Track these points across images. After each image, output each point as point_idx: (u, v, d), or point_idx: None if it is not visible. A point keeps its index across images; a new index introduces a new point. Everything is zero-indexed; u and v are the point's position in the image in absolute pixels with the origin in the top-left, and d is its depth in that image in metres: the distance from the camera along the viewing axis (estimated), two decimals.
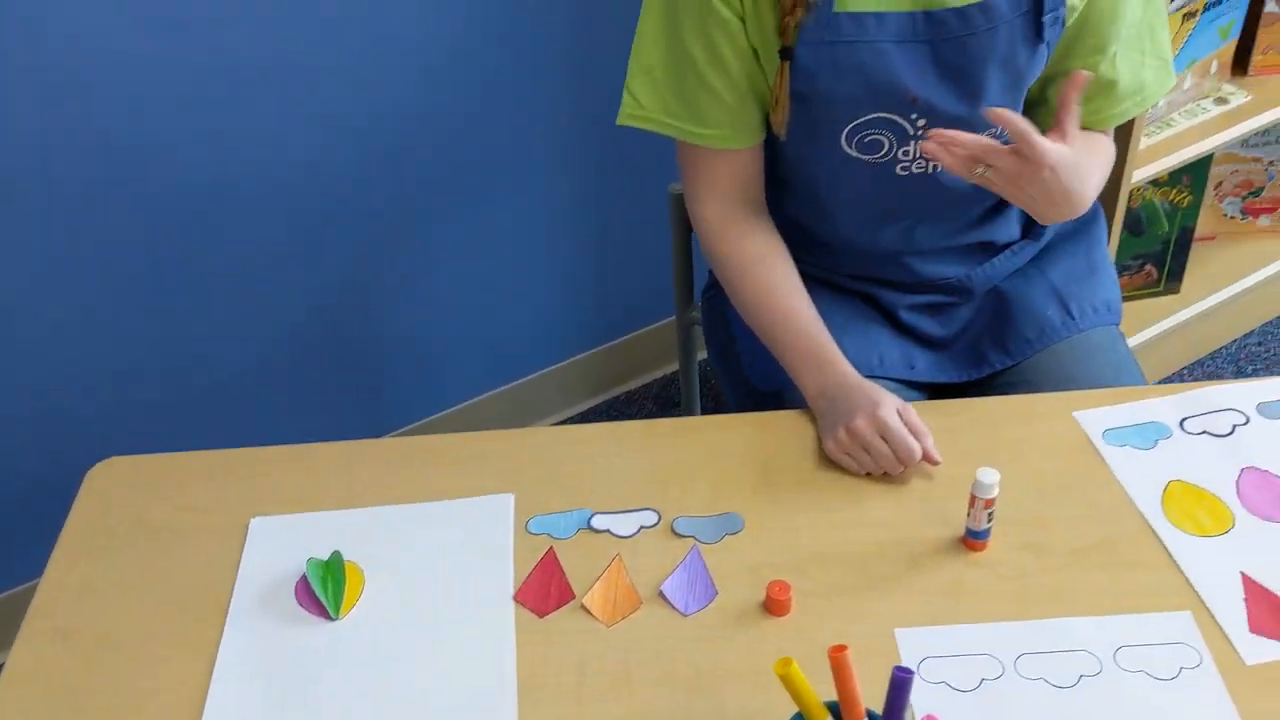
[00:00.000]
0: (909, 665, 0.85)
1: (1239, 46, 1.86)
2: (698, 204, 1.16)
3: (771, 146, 1.15)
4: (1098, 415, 1.06)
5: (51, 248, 1.49)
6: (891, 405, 1.01)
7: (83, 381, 1.59)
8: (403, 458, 1.07)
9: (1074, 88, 0.97)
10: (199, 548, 0.99)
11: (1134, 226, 1.91)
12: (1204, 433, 1.04)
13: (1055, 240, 1.26)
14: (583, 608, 0.92)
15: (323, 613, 0.92)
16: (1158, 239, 1.93)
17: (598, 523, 0.99)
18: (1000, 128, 0.97)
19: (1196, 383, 1.15)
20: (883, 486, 1.01)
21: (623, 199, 1.89)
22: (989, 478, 0.90)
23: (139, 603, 0.94)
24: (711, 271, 1.28)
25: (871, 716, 0.71)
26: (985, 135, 0.99)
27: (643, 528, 0.98)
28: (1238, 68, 1.89)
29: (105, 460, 1.08)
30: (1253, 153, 2.02)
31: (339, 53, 1.54)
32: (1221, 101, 1.83)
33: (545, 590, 0.93)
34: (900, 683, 0.69)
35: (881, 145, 1.09)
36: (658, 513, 0.99)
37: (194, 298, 1.61)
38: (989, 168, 0.97)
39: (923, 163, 1.10)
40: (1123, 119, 1.15)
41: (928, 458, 0.99)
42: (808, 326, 1.11)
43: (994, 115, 0.95)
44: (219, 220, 1.57)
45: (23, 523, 1.61)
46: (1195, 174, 1.87)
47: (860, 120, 1.07)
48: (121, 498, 1.04)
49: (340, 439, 1.10)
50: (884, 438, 0.99)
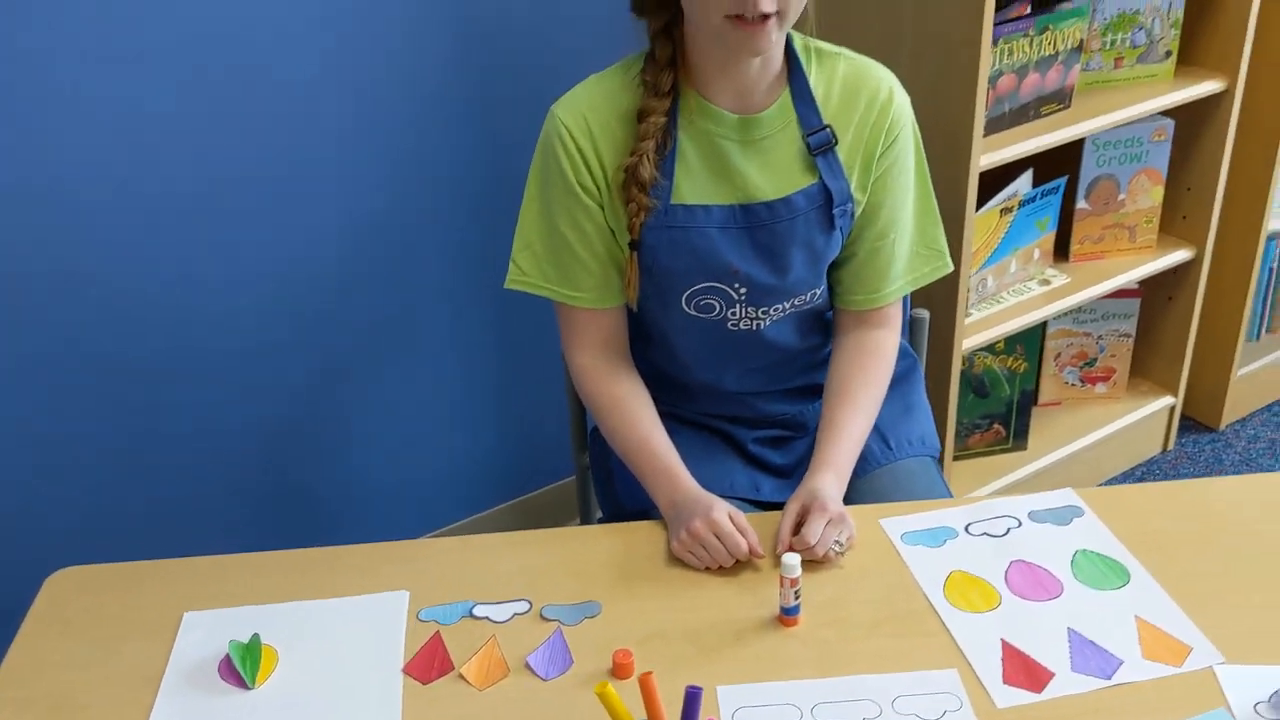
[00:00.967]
0: (726, 716, 1.02)
1: (1059, 236, 2.15)
2: (573, 353, 1.38)
3: (640, 308, 1.38)
4: (899, 521, 1.26)
5: None
6: (723, 509, 1.21)
7: (27, 496, 1.74)
8: (315, 564, 1.24)
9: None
10: (140, 637, 1.14)
11: (980, 390, 2.15)
12: (984, 534, 1.24)
13: None
14: (460, 676, 1.08)
15: (241, 683, 1.08)
16: (1001, 401, 2.18)
17: (478, 611, 1.16)
18: (806, 293, 1.23)
19: (984, 497, 1.36)
20: (719, 578, 1.19)
21: (523, 363, 2.11)
22: (792, 560, 1.10)
23: (87, 678, 1.09)
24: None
25: None
26: (793, 300, 1.25)
27: (516, 614, 1.15)
28: (1060, 254, 2.18)
29: (61, 570, 1.24)
30: (1084, 328, 2.30)
31: (279, 224, 1.77)
32: (1045, 282, 2.11)
33: (429, 663, 1.10)
34: (691, 697, 0.87)
35: (714, 307, 1.33)
36: (529, 602, 1.17)
37: (139, 422, 1.78)
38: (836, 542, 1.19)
39: (749, 321, 1.34)
40: (899, 295, 1.39)
41: (753, 552, 1.18)
42: (661, 451, 1.31)
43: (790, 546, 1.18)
44: (166, 353, 1.76)
45: None
46: (1027, 344, 2.13)
47: (695, 288, 1.31)
48: (75, 598, 1.20)
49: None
50: (717, 536, 1.18)
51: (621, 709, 0.87)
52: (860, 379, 1.36)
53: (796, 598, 1.11)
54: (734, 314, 1.33)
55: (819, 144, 1.29)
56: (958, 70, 1.75)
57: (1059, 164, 2.08)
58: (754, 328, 1.34)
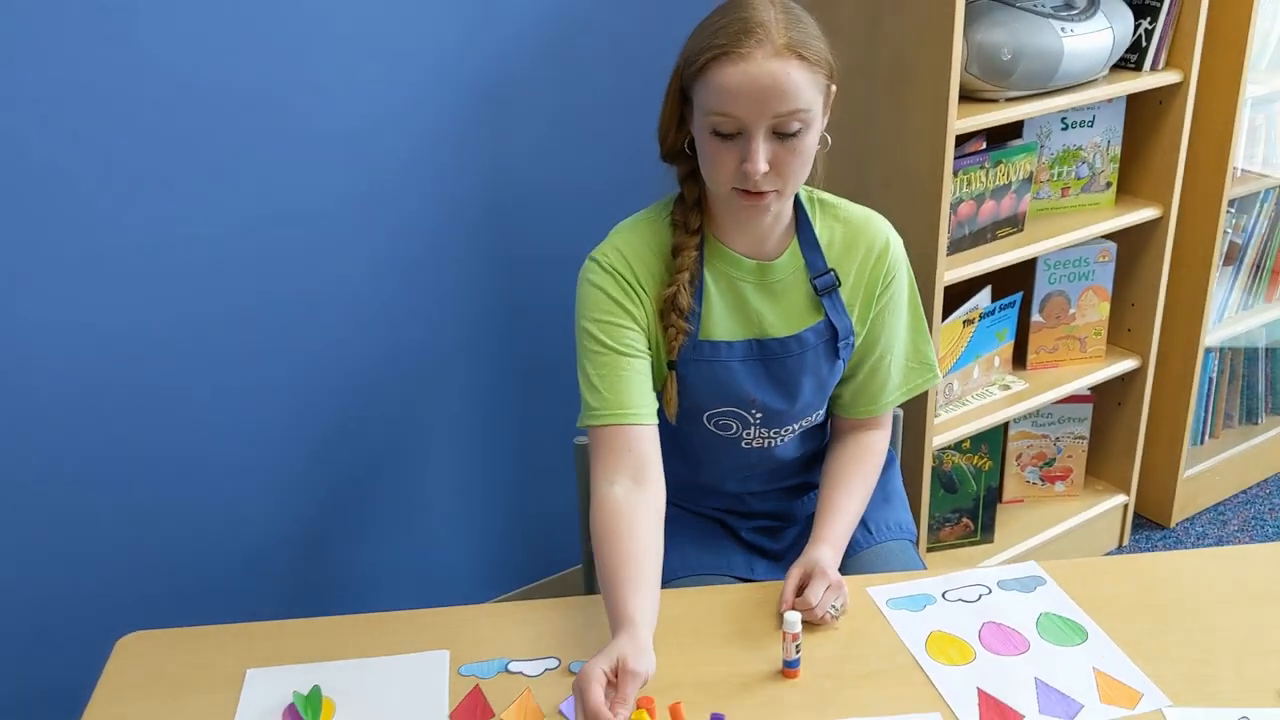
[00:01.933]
0: None
1: (1016, 346, 2.34)
2: (606, 481, 1.33)
3: (663, 423, 1.46)
4: (884, 590, 1.40)
5: (39, 453, 1.79)
6: (599, 667, 1.12)
7: (87, 574, 1.86)
8: (363, 628, 1.35)
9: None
10: (208, 691, 1.25)
11: (949, 486, 2.30)
12: (959, 599, 1.38)
13: None
14: None
15: None
16: (969, 497, 2.33)
17: (513, 667, 1.28)
18: (813, 414, 1.44)
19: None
20: (726, 637, 1.32)
21: (534, 457, 2.25)
22: (793, 617, 1.23)
23: None
24: None
25: None
26: (801, 422, 1.44)
27: (546, 669, 1.27)
28: (1018, 362, 2.36)
29: (131, 634, 1.35)
30: (1042, 430, 2.47)
31: (309, 336, 1.93)
32: (1005, 387, 2.29)
33: (472, 712, 1.21)
34: None
35: (731, 427, 1.47)
36: (558, 659, 1.29)
37: (188, 504, 1.92)
38: (834, 605, 1.31)
39: (760, 440, 1.48)
40: (894, 405, 1.54)
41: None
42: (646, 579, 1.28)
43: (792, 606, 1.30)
44: (207, 440, 1.90)
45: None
46: (991, 443, 2.29)
47: (716, 410, 1.46)
48: (144, 660, 1.31)
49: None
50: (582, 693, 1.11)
51: None
52: (855, 469, 1.50)
53: (797, 651, 1.24)
54: (749, 434, 1.48)
55: (824, 286, 1.43)
56: (924, 197, 1.95)
57: (1015, 281, 2.28)
58: (765, 446, 1.49)
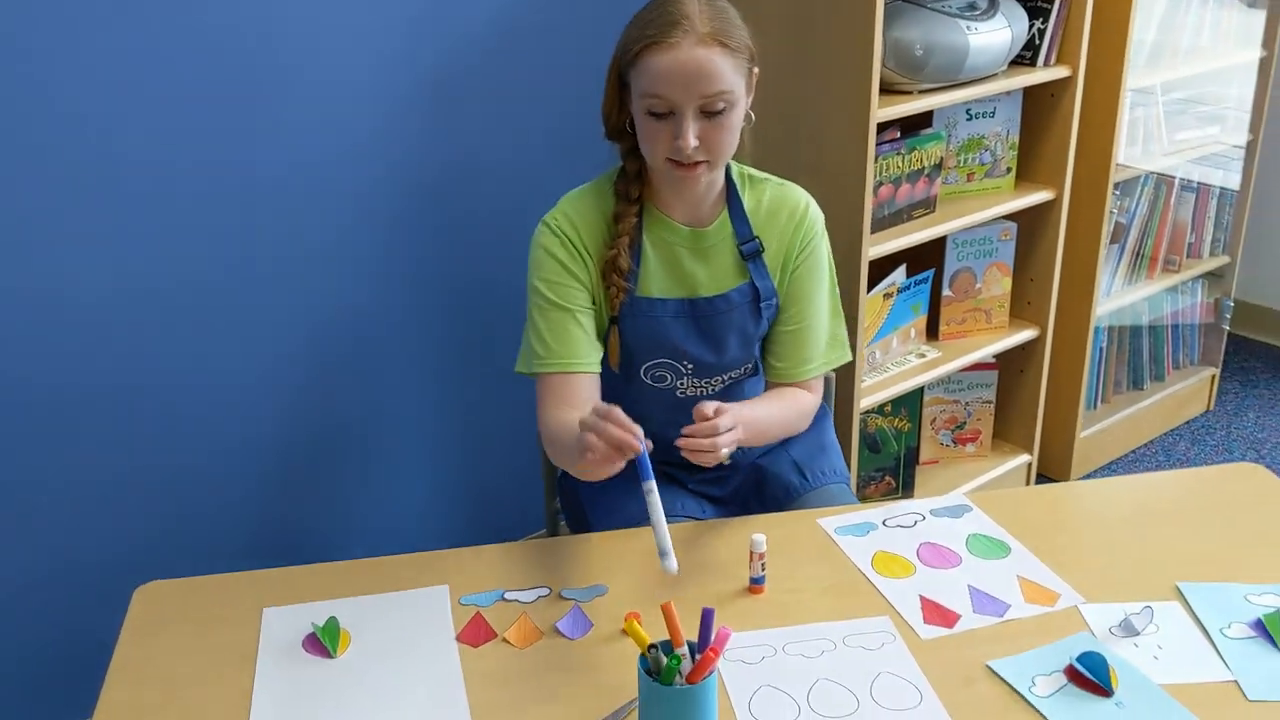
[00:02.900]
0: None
1: (930, 319, 2.53)
2: (552, 415, 1.52)
3: (604, 377, 1.60)
4: (832, 520, 1.55)
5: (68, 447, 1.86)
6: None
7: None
8: (365, 571, 1.46)
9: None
10: (229, 629, 1.35)
11: (873, 446, 2.49)
12: (898, 526, 1.54)
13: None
14: (504, 640, 1.32)
15: (325, 654, 1.30)
16: (891, 456, 2.51)
17: (509, 596, 1.40)
18: (740, 368, 1.57)
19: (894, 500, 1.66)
20: (696, 563, 1.46)
21: (499, 430, 2.37)
22: (759, 536, 1.38)
23: (190, 661, 1.30)
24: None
25: (690, 645, 1.15)
26: (729, 374, 1.58)
27: (539, 596, 1.40)
28: (932, 334, 2.55)
29: (150, 583, 1.44)
30: (953, 396, 2.66)
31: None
32: (920, 356, 2.47)
33: (477, 633, 1.34)
34: (706, 616, 1.14)
35: (666, 379, 1.61)
36: (549, 588, 1.42)
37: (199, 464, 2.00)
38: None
39: (694, 389, 1.62)
40: (815, 374, 1.65)
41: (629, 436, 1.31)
42: None
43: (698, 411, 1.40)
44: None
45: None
46: (910, 406, 2.48)
47: (651, 362, 1.60)
48: (164, 604, 1.40)
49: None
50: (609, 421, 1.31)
51: (643, 635, 1.13)
52: (776, 396, 1.64)
53: (763, 569, 1.39)
54: (682, 384, 1.62)
55: (749, 251, 1.59)
56: (849, 181, 2.13)
57: (927, 259, 2.47)
58: (699, 395, 1.63)
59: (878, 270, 2.29)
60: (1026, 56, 2.37)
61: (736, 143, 1.51)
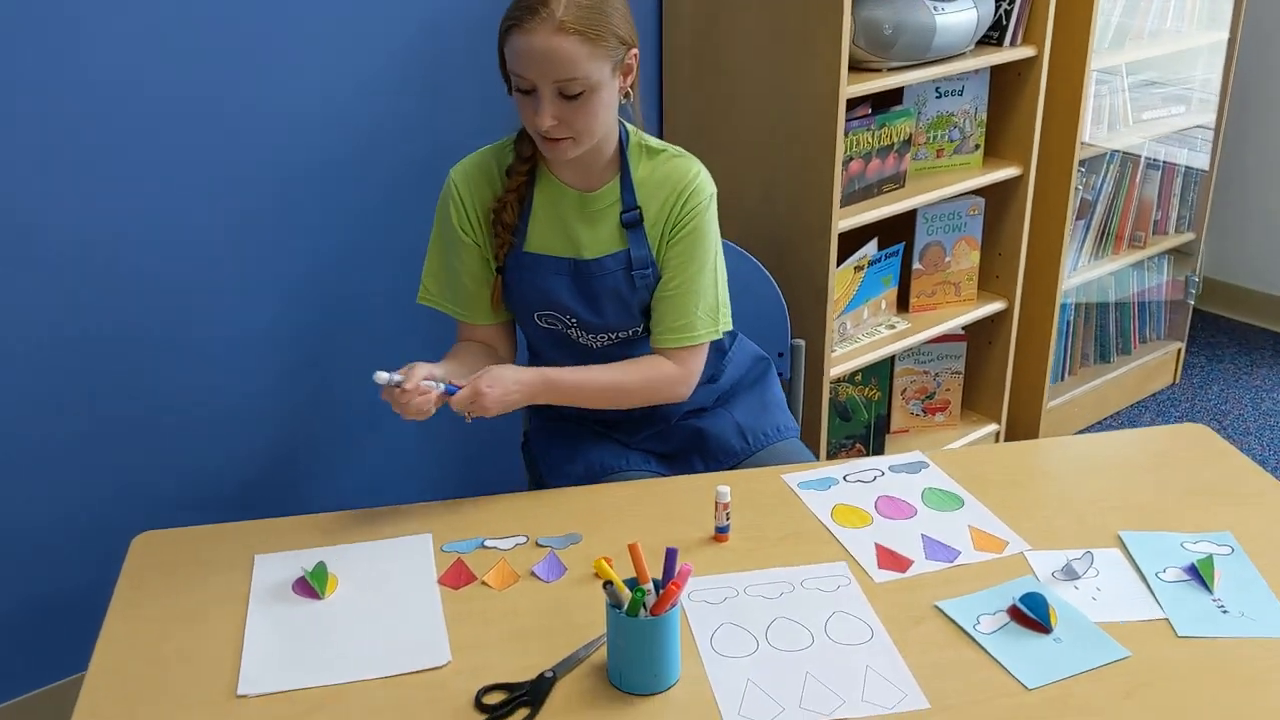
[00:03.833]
0: (684, 597, 1.36)
1: (900, 291, 2.60)
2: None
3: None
4: (795, 476, 1.63)
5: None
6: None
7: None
8: (352, 522, 1.53)
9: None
10: (223, 573, 1.42)
11: (843, 415, 2.56)
12: (858, 480, 1.62)
13: (737, 389, 1.83)
14: (483, 583, 1.40)
15: (314, 595, 1.37)
16: (861, 424, 2.59)
17: (488, 543, 1.48)
18: (626, 330, 1.64)
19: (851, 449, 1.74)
20: (660, 515, 1.53)
21: None
22: (724, 488, 1.45)
23: (189, 599, 1.37)
24: (528, 421, 1.85)
25: (654, 581, 1.22)
26: (615, 334, 1.65)
27: (517, 544, 1.47)
28: (902, 306, 2.63)
29: (145, 533, 1.51)
30: (923, 366, 2.74)
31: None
32: (891, 327, 2.55)
33: (458, 577, 1.41)
34: (670, 554, 1.21)
35: (557, 326, 1.68)
36: (526, 536, 1.49)
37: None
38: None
39: (589, 341, 1.68)
40: (676, 345, 1.63)
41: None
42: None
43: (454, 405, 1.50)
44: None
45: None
46: (880, 376, 2.56)
47: (541, 312, 1.67)
48: (160, 552, 1.47)
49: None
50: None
51: (614, 574, 1.21)
52: (631, 363, 1.65)
53: (727, 519, 1.46)
54: (571, 332, 1.69)
55: (629, 221, 1.62)
56: (820, 155, 2.19)
57: (898, 233, 2.54)
58: (595, 346, 1.69)
59: (848, 243, 2.36)
60: (994, 36, 2.43)
61: (606, 121, 1.54)
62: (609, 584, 1.20)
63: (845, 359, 2.41)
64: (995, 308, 2.69)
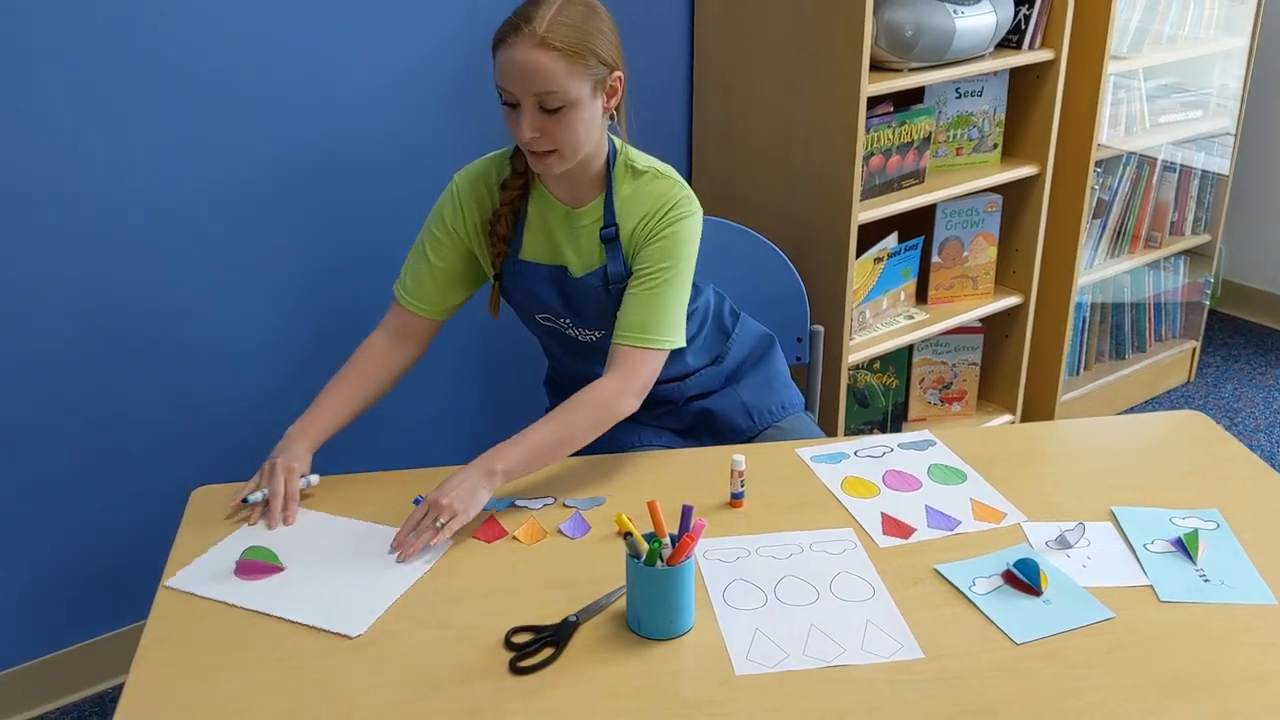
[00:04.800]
0: (699, 555, 1.45)
1: (919, 284, 2.68)
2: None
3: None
4: (808, 450, 1.72)
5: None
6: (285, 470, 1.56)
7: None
8: (395, 481, 1.64)
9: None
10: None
11: (862, 401, 2.64)
12: (868, 456, 1.70)
13: (743, 368, 1.91)
14: (514, 538, 1.50)
15: (264, 571, 1.48)
16: (879, 410, 2.67)
17: (519, 502, 1.58)
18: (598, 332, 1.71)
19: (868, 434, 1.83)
20: (677, 482, 1.62)
21: (512, 363, 2.53)
22: (739, 457, 1.55)
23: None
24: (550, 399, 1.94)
25: (671, 536, 1.32)
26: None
27: (546, 504, 1.57)
28: (920, 298, 2.71)
29: (202, 487, 1.62)
30: (941, 357, 2.82)
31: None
32: (909, 318, 2.63)
33: (490, 531, 1.51)
34: (686, 511, 1.31)
35: (555, 325, 1.76)
36: (554, 497, 1.59)
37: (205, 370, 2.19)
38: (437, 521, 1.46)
39: (586, 336, 1.75)
40: (633, 344, 1.61)
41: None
42: (327, 397, 1.68)
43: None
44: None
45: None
46: (898, 364, 2.64)
47: (539, 314, 1.75)
48: (217, 506, 1.58)
49: None
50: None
51: (633, 527, 1.30)
52: (571, 408, 1.60)
53: (742, 485, 1.56)
54: (570, 332, 1.77)
55: (607, 238, 1.65)
56: (841, 151, 2.28)
57: (917, 227, 2.62)
58: (591, 340, 1.77)
59: (869, 236, 2.44)
60: (1013, 39, 2.51)
61: (588, 138, 1.57)
62: (628, 535, 1.30)
63: (863, 346, 2.49)
64: (1012, 302, 2.76)
